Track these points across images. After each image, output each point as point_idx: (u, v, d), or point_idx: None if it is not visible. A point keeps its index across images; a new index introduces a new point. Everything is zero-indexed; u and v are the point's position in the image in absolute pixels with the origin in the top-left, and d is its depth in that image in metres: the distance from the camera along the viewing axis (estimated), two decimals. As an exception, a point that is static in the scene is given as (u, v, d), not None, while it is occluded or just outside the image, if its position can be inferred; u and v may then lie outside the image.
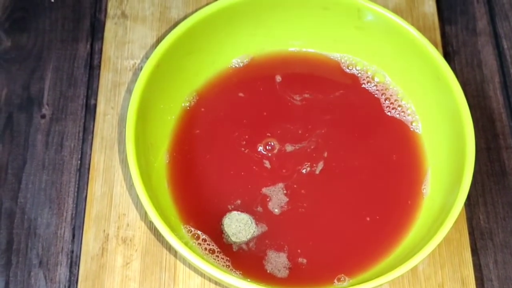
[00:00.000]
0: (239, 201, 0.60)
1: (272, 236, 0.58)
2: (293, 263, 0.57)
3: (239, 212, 0.59)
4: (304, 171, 0.61)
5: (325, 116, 0.63)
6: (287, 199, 0.60)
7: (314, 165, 0.61)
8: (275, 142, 0.62)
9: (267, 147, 0.62)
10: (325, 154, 0.62)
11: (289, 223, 0.59)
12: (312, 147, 0.62)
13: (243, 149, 0.62)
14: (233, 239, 0.58)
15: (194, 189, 0.60)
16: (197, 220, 0.59)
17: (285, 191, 0.60)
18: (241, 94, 0.64)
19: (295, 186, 0.60)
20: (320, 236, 0.59)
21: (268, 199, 0.60)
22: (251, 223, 0.58)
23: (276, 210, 0.59)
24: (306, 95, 0.64)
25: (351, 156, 0.62)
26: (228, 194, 0.60)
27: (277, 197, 0.60)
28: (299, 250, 0.58)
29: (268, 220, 0.59)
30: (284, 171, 0.61)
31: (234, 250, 0.58)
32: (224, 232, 0.58)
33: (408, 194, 0.60)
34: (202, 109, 0.63)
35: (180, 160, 0.61)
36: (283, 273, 0.57)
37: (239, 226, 0.58)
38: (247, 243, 0.58)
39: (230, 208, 0.59)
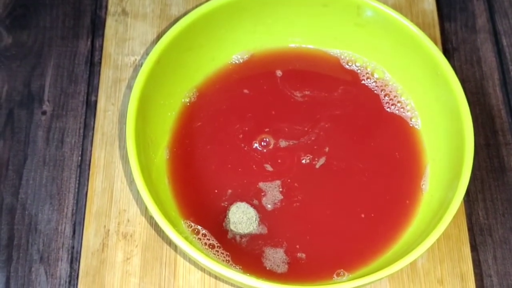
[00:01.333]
0: (238, 197, 0.60)
1: (270, 231, 0.59)
2: (292, 258, 0.58)
3: (248, 205, 0.59)
4: (304, 161, 0.61)
5: (325, 112, 0.63)
6: (282, 197, 0.60)
7: (316, 159, 0.61)
8: (275, 138, 0.62)
9: (263, 143, 0.62)
10: (327, 149, 0.62)
11: (288, 218, 0.59)
12: (312, 143, 0.62)
13: (243, 145, 0.62)
14: (231, 227, 0.58)
15: (194, 185, 0.60)
16: (197, 215, 0.59)
17: (281, 189, 0.60)
18: (241, 90, 0.64)
19: (289, 181, 0.60)
20: (319, 232, 0.59)
21: (263, 193, 0.60)
22: (254, 220, 0.58)
23: (269, 205, 0.60)
24: (306, 91, 0.64)
25: (350, 152, 0.62)
26: (228, 189, 0.60)
27: (272, 193, 0.60)
28: (297, 246, 0.58)
29: (265, 215, 0.59)
30: (282, 164, 0.61)
31: (229, 237, 0.58)
32: (227, 217, 0.59)
33: (407, 189, 0.60)
34: (202, 105, 0.63)
35: (180, 155, 0.61)
36: (282, 268, 0.57)
37: (242, 218, 0.58)
38: (241, 236, 0.58)
39: (225, 205, 0.59)
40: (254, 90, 0.64)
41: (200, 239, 0.58)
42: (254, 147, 0.62)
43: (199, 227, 0.58)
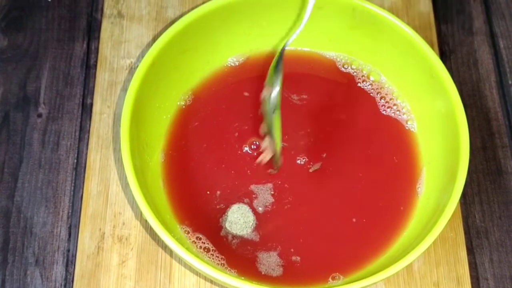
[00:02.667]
0: (234, 200, 0.60)
1: (264, 234, 0.58)
2: (286, 261, 0.57)
3: (250, 210, 0.59)
4: (299, 161, 0.61)
5: (321, 115, 0.63)
6: (273, 200, 0.60)
7: (311, 163, 0.61)
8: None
9: (253, 146, 0.62)
10: (324, 155, 0.62)
11: (281, 221, 0.59)
12: (308, 146, 0.62)
13: (238, 147, 0.62)
14: (226, 225, 0.58)
15: (189, 188, 0.60)
16: (192, 218, 0.59)
17: (272, 192, 0.60)
18: (237, 93, 0.64)
19: (279, 182, 0.60)
20: (312, 235, 0.59)
21: (254, 195, 0.60)
22: (250, 226, 0.58)
23: (260, 208, 0.59)
24: (302, 94, 0.64)
25: (346, 155, 0.62)
26: (223, 192, 0.60)
27: (263, 196, 0.60)
28: (292, 249, 0.58)
29: (258, 217, 0.59)
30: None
31: (221, 234, 0.58)
32: (225, 214, 0.59)
33: (403, 193, 0.60)
34: (198, 108, 0.63)
35: (176, 159, 0.61)
36: (277, 271, 0.57)
37: (239, 220, 0.58)
38: (233, 236, 0.58)
39: (221, 207, 0.59)
40: (250, 93, 0.64)
41: (195, 242, 0.58)
42: (250, 149, 0.62)
43: (194, 230, 0.58)
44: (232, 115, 0.63)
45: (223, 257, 0.57)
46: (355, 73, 0.65)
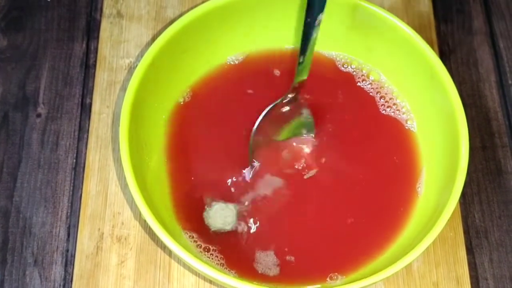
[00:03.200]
0: (234, 199, 0.60)
1: (263, 233, 0.58)
2: (286, 261, 0.57)
3: (226, 204, 0.59)
4: (297, 166, 0.61)
5: (320, 114, 0.63)
6: (272, 199, 0.60)
7: (306, 170, 0.61)
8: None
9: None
10: (323, 159, 0.61)
11: (281, 221, 0.59)
12: (307, 145, 0.62)
13: (238, 147, 0.61)
14: (210, 212, 0.58)
15: (188, 188, 0.60)
16: (191, 219, 0.59)
17: (272, 190, 0.60)
18: (237, 91, 0.64)
19: (282, 182, 0.60)
20: (313, 235, 0.59)
21: (254, 194, 0.60)
22: (231, 219, 0.58)
23: (259, 207, 0.59)
24: (302, 93, 0.64)
25: (345, 154, 0.62)
26: (222, 191, 0.60)
27: (262, 194, 0.60)
28: (286, 249, 0.58)
29: (258, 217, 0.59)
30: (277, 165, 0.61)
31: (220, 234, 0.58)
32: (205, 209, 0.59)
33: (402, 192, 0.60)
34: (197, 107, 0.63)
35: (175, 158, 0.61)
36: (274, 271, 0.57)
37: (221, 214, 0.58)
38: (231, 234, 0.58)
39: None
40: (250, 92, 0.64)
41: (196, 241, 0.58)
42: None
43: (193, 231, 0.58)
44: (231, 113, 0.63)
45: (222, 257, 0.57)
46: (354, 73, 0.65)
